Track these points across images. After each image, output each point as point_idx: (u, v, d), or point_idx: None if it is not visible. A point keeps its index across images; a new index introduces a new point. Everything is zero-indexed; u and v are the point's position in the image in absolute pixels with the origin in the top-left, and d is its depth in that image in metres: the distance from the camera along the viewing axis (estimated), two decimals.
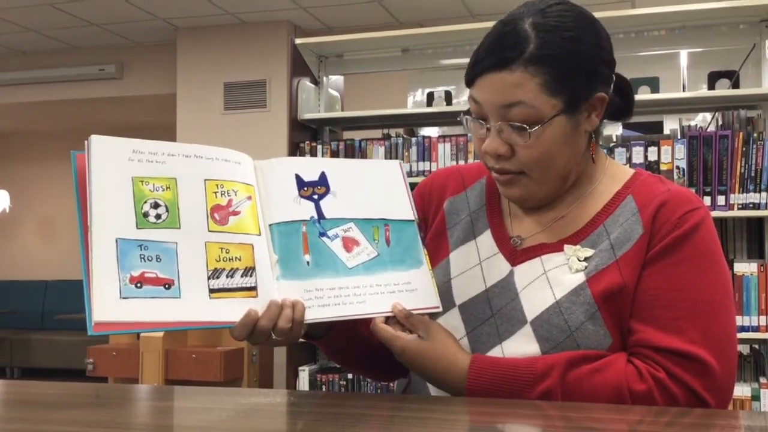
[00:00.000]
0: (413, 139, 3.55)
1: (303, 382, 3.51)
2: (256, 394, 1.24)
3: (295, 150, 3.64)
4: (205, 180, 1.07)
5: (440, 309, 1.15)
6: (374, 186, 1.20)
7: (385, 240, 1.16)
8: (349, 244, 1.13)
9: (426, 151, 3.50)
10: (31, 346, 7.70)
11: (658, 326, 1.05)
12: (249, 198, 1.10)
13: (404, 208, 1.20)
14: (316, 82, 3.86)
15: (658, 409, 1.00)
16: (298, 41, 3.74)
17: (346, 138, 3.83)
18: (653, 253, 1.07)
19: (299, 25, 5.79)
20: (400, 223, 1.18)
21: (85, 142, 1.02)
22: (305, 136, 3.76)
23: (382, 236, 1.16)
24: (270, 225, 1.10)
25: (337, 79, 4.10)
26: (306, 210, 1.13)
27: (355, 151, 3.59)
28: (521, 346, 1.09)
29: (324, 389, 3.50)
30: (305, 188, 1.15)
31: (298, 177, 1.15)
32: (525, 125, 1.06)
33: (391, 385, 3.24)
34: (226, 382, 3.77)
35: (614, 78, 1.14)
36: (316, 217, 1.13)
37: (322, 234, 1.12)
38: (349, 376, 3.50)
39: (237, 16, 5.65)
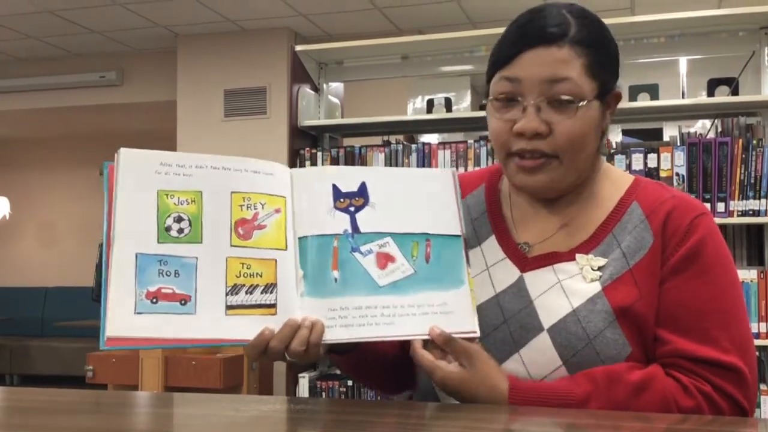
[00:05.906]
0: (413, 146, 3.55)
1: (303, 388, 3.50)
2: (256, 401, 1.24)
3: (295, 157, 3.64)
4: (232, 192, 1.05)
5: (478, 335, 1.06)
6: (420, 197, 1.12)
7: (425, 256, 1.08)
8: (383, 260, 1.07)
9: (426, 158, 3.49)
10: (31, 352, 7.69)
11: (692, 337, 1.05)
12: (277, 211, 1.06)
13: (451, 222, 1.12)
14: (316, 89, 3.86)
15: (682, 417, 1.00)
16: (298, 48, 3.75)
17: (346, 145, 3.83)
18: (672, 265, 1.08)
19: (299, 33, 5.80)
20: (444, 238, 1.10)
21: (115, 154, 1.02)
22: (305, 142, 3.76)
23: (422, 252, 1.09)
24: (299, 238, 1.06)
25: (337, 86, 4.10)
26: (340, 223, 1.07)
27: (354, 158, 3.59)
28: (540, 354, 1.07)
29: (324, 396, 3.50)
30: (342, 199, 1.09)
31: (335, 187, 1.09)
32: (572, 98, 1.06)
33: None
34: (226, 389, 3.77)
35: None
36: (350, 230, 1.07)
37: (354, 249, 1.06)
38: (349, 383, 3.50)
39: (237, 24, 5.66)
